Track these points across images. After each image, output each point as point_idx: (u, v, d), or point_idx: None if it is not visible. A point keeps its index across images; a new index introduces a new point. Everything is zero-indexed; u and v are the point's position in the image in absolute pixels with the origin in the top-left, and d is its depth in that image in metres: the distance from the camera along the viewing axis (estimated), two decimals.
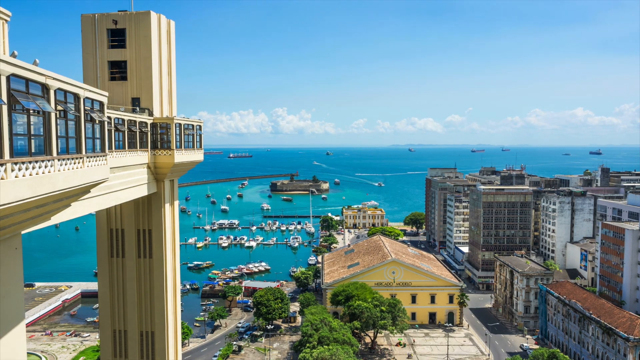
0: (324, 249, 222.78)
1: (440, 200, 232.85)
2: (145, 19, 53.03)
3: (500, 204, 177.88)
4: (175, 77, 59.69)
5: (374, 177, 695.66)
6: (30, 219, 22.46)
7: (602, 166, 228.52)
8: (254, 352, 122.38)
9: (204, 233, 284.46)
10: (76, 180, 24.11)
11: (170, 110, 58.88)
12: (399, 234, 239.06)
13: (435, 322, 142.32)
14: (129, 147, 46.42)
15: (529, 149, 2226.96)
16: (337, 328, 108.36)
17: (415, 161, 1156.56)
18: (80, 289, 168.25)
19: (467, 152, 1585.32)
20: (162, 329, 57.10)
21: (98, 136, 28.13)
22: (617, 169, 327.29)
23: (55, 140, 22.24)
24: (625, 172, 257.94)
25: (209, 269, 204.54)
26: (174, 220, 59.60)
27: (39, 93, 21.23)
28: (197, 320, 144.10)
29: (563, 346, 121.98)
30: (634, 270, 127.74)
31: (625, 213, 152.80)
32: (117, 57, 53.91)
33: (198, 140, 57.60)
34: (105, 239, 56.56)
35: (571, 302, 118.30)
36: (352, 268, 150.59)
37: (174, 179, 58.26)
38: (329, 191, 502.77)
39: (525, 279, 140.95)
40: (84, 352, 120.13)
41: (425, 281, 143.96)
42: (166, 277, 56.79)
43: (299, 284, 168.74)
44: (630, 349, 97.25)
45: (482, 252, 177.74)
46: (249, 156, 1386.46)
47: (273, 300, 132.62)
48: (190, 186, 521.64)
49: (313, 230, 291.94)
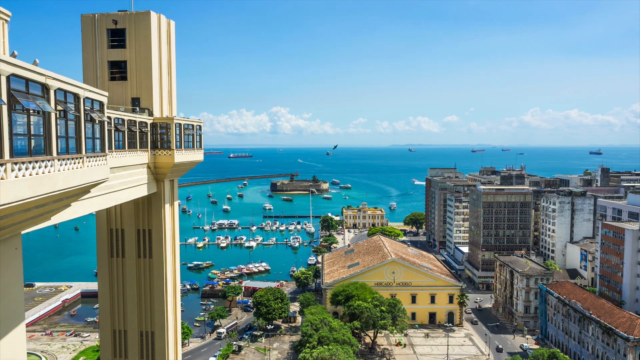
0: (324, 249, 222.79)
1: (440, 200, 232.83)
2: (145, 19, 53.03)
3: (500, 204, 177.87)
4: (175, 77, 59.69)
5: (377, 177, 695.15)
6: (30, 219, 22.45)
7: (602, 166, 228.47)
8: (254, 352, 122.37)
9: (203, 233, 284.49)
10: (76, 180, 24.11)
11: (170, 110, 58.87)
12: (399, 234, 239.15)
13: (435, 322, 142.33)
14: (129, 147, 46.41)
15: (528, 148, 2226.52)
16: (337, 328, 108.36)
17: (416, 161, 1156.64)
18: (80, 289, 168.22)
19: (467, 153, 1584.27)
20: (162, 329, 57.10)
21: (98, 136, 28.12)
22: (617, 168, 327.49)
23: (55, 140, 22.24)
24: (625, 172, 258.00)
25: (209, 269, 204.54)
26: (174, 220, 59.60)
27: (39, 93, 21.23)
28: (197, 320, 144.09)
29: (563, 346, 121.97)
30: (633, 270, 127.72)
31: (625, 213, 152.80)
32: (117, 57, 53.90)
33: (198, 140, 57.61)
34: (105, 239, 56.56)
35: (571, 302, 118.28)
36: (352, 268, 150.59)
37: (174, 179, 58.25)
38: (329, 191, 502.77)
39: (525, 279, 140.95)
40: (84, 352, 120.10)
41: (425, 281, 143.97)
42: (166, 277, 56.79)
43: (299, 284, 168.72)
44: (630, 349, 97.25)
45: (482, 252, 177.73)
46: (249, 156, 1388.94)
47: (273, 300, 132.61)
48: (191, 186, 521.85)
49: (313, 230, 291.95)
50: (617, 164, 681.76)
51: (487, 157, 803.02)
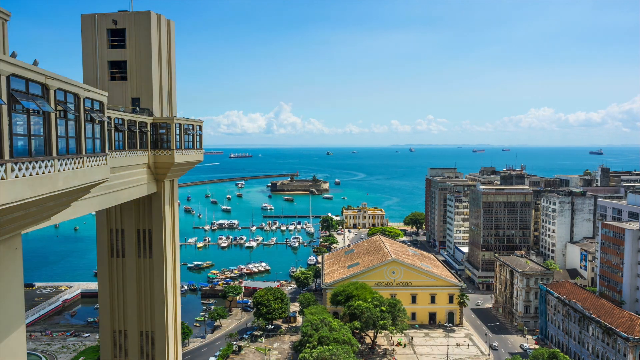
0: (324, 249, 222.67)
1: (440, 200, 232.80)
2: (145, 19, 53.03)
3: (500, 204, 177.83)
4: (175, 77, 59.69)
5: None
6: (30, 219, 22.45)
7: (602, 166, 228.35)
8: (254, 352, 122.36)
9: (204, 233, 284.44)
10: (76, 180, 24.11)
11: (170, 110, 58.87)
12: (399, 234, 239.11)
13: (435, 322, 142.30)
14: (129, 147, 46.42)
15: (528, 148, 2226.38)
16: (337, 328, 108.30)
17: (416, 161, 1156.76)
18: (80, 289, 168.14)
19: (467, 153, 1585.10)
20: (162, 329, 57.12)
21: (98, 136, 28.13)
22: (617, 168, 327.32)
23: (55, 140, 22.24)
24: (625, 172, 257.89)
25: (209, 269, 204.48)
26: (174, 220, 59.62)
27: (39, 93, 21.23)
28: (197, 320, 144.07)
29: (563, 346, 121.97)
30: (633, 270, 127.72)
31: (625, 213, 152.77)
32: (117, 57, 53.91)
33: (198, 140, 57.61)
34: (105, 239, 56.58)
35: (571, 302, 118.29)
36: (352, 268, 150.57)
37: (173, 179, 58.25)
38: (329, 191, 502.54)
39: (525, 279, 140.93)
40: (84, 352, 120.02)
41: (425, 281, 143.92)
42: (166, 277, 56.80)
43: (299, 284, 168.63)
44: (630, 349, 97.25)
45: (482, 252, 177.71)
46: (249, 156, 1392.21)
47: (273, 300, 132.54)
48: (191, 186, 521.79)
49: (313, 230, 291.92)
50: (628, 164, 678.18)
51: (487, 157, 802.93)
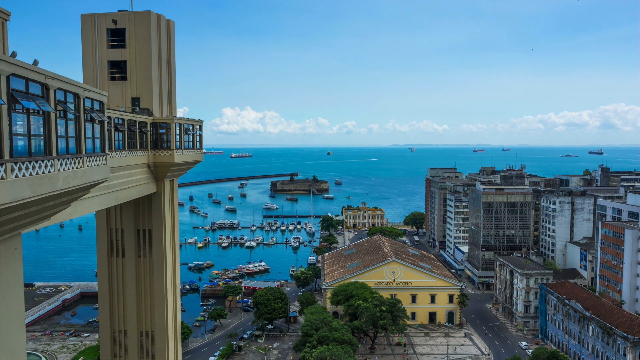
0: (324, 248, 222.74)
1: (440, 200, 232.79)
2: (145, 19, 53.03)
3: (500, 204, 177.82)
4: (175, 77, 59.69)
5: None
6: (30, 219, 22.47)
7: (602, 166, 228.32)
8: (254, 352, 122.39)
9: (204, 233, 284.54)
10: (76, 180, 24.12)
11: (170, 110, 58.87)
12: (399, 234, 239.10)
13: (435, 322, 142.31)
14: (129, 147, 46.44)
15: (527, 148, 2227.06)
16: (337, 328, 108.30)
17: (416, 161, 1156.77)
18: (80, 289, 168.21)
19: (468, 153, 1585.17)
20: (162, 329, 57.13)
21: (98, 136, 28.14)
22: (617, 168, 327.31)
23: (55, 140, 22.25)
24: (625, 172, 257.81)
25: (209, 269, 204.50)
26: (174, 220, 59.62)
27: (39, 93, 21.24)
28: (197, 320, 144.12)
29: (563, 346, 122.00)
30: (633, 270, 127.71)
31: (625, 213, 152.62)
32: (117, 57, 53.92)
33: (198, 140, 57.61)
34: (105, 238, 56.60)
35: (571, 302, 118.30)
36: (352, 268, 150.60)
37: (173, 179, 58.26)
38: (329, 191, 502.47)
39: (525, 278, 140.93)
40: (84, 352, 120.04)
41: (425, 281, 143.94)
42: (166, 277, 56.81)
43: (299, 283, 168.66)
44: (630, 348, 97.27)
45: (482, 252, 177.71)
46: (249, 156, 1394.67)
47: (273, 300, 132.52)
48: (191, 186, 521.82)
49: (313, 230, 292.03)
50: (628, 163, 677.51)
51: (487, 157, 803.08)
